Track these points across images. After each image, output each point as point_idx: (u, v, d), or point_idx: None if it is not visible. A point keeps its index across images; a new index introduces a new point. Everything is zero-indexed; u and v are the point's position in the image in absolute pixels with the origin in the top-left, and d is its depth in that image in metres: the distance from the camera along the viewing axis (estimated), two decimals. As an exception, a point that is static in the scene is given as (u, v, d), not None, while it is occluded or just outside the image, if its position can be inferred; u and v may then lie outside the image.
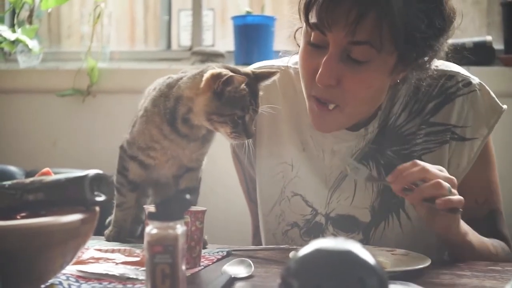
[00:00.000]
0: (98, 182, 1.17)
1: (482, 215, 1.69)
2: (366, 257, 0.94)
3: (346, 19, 1.46)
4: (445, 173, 1.46)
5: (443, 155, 1.67)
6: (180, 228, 1.12)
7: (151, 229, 1.11)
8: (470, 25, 3.17)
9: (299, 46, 1.65)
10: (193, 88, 1.54)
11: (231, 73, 1.50)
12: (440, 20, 1.52)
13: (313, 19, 1.51)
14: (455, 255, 1.60)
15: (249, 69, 1.70)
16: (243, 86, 1.51)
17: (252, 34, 3.17)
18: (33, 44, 3.23)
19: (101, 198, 1.17)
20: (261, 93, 1.59)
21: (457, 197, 1.43)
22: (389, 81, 1.59)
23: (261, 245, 1.84)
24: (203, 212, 1.44)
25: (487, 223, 1.68)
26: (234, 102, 1.51)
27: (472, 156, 1.68)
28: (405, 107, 1.68)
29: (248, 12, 3.29)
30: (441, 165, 1.55)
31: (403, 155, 1.67)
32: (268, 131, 1.79)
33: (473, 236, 1.57)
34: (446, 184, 1.42)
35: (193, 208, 1.43)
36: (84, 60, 3.25)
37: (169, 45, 3.59)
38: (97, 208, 1.18)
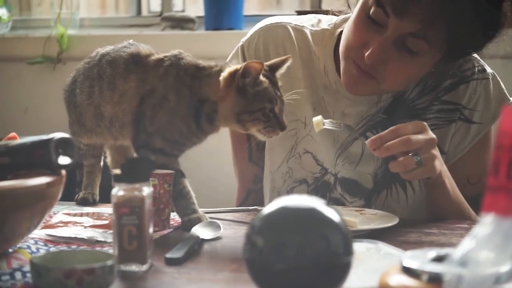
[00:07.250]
0: (64, 145, 1.17)
1: (470, 194, 1.68)
2: (331, 215, 0.95)
3: (423, 15, 1.45)
4: (427, 135, 1.47)
5: (448, 133, 1.70)
6: (146, 190, 1.12)
7: (117, 191, 1.12)
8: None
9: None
10: (216, 91, 1.46)
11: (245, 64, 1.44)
12: (495, 28, 1.54)
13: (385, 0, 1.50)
14: (432, 204, 1.63)
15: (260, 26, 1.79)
16: (262, 78, 1.45)
17: (222, -2, 3.15)
18: (2, 11, 3.20)
19: (66, 161, 1.17)
20: (280, 83, 1.51)
21: (407, 159, 1.44)
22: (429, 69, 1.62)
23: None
24: (171, 174, 1.43)
25: (473, 204, 1.67)
26: (260, 95, 1.44)
27: (474, 139, 1.70)
28: (420, 81, 1.69)
29: (218, -24, 3.26)
30: (443, 142, 1.63)
31: None
32: (284, 88, 1.75)
33: (450, 184, 1.59)
34: (415, 142, 1.43)
35: (161, 171, 1.43)
36: (53, 27, 3.22)
37: (139, 11, 3.55)
38: (64, 172, 1.18)
